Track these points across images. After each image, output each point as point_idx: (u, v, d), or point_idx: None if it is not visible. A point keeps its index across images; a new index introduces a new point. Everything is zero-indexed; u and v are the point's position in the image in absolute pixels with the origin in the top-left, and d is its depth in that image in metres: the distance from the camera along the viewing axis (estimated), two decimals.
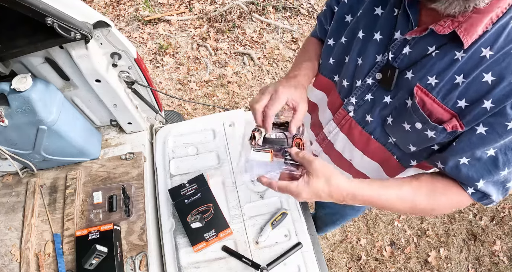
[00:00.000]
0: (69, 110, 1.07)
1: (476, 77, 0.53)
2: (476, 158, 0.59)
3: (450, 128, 0.58)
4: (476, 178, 0.60)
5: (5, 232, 1.05)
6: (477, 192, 0.63)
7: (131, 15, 3.20)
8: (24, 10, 0.73)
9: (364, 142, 0.76)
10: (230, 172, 1.16)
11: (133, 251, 1.01)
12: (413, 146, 0.66)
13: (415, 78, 0.60)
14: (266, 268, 0.95)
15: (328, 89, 0.82)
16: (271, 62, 2.90)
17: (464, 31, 0.52)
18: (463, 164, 0.60)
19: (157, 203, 1.13)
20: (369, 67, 0.67)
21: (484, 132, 0.55)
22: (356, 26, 0.69)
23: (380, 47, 0.65)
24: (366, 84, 0.69)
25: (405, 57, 0.61)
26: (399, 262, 2.04)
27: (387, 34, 0.64)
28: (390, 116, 0.67)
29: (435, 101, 0.58)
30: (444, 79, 0.56)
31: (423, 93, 0.59)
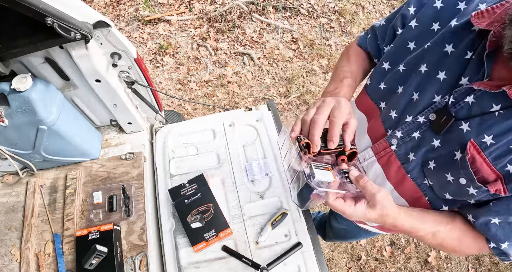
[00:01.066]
0: (69, 110, 1.07)
1: None
2: (508, 222, 0.59)
3: (493, 190, 0.55)
4: (503, 240, 0.61)
5: (5, 232, 1.05)
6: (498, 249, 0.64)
7: (131, 15, 3.20)
8: (24, 10, 0.73)
9: (399, 179, 0.73)
10: (230, 172, 1.16)
11: (133, 251, 1.01)
12: (449, 195, 0.64)
13: (471, 132, 0.56)
14: (266, 268, 0.95)
15: (371, 113, 0.78)
16: (271, 62, 2.90)
17: None
18: (493, 223, 0.60)
19: (157, 203, 1.13)
20: (424, 105, 0.63)
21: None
22: (421, 59, 0.64)
23: (442, 88, 0.61)
24: (417, 121, 0.65)
25: (466, 107, 0.57)
26: (399, 262, 2.04)
27: (452, 76, 0.59)
28: (434, 161, 0.64)
29: (485, 161, 0.55)
30: (501, 142, 0.53)
31: (475, 150, 0.55)
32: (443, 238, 0.67)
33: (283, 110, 2.64)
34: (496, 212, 0.59)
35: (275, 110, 1.32)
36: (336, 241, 1.86)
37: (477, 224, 0.64)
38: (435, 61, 0.62)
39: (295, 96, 2.70)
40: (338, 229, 1.47)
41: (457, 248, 0.69)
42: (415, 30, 0.67)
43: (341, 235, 1.48)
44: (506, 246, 0.62)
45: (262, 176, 1.14)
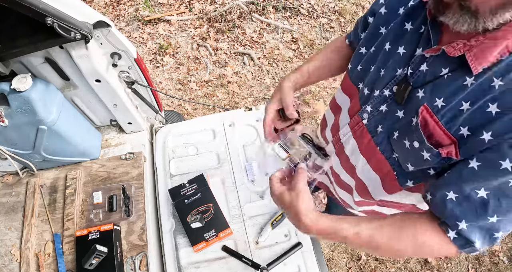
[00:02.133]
0: (69, 110, 1.07)
1: (481, 106, 0.51)
2: (465, 196, 0.55)
3: (444, 153, 0.56)
4: (460, 217, 0.56)
5: (5, 232, 1.05)
6: (459, 237, 0.57)
7: (131, 15, 3.20)
8: (24, 10, 0.73)
9: (370, 152, 0.76)
10: (230, 172, 1.16)
11: (133, 251, 1.01)
12: (411, 165, 0.65)
13: (425, 97, 0.59)
14: (266, 268, 0.95)
15: (352, 94, 0.83)
16: (271, 62, 2.90)
17: (473, 56, 0.51)
18: (449, 199, 0.57)
19: (157, 203, 1.13)
20: (388, 79, 0.68)
21: (476, 167, 0.53)
22: (385, 38, 0.70)
23: (402, 61, 0.65)
24: (383, 95, 0.69)
25: (421, 75, 0.61)
26: (399, 262, 2.04)
27: (410, 49, 0.64)
28: (398, 131, 0.67)
29: (438, 124, 0.56)
30: (450, 104, 0.55)
31: (428, 113, 0.58)
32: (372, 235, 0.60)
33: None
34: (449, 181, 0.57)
35: None
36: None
37: (433, 202, 0.60)
38: (396, 38, 0.68)
39: (295, 96, 2.70)
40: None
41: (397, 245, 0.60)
42: (385, 16, 0.73)
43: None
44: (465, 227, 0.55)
45: (262, 176, 1.14)
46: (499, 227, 0.55)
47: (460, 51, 0.52)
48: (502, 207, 0.52)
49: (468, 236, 0.56)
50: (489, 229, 0.55)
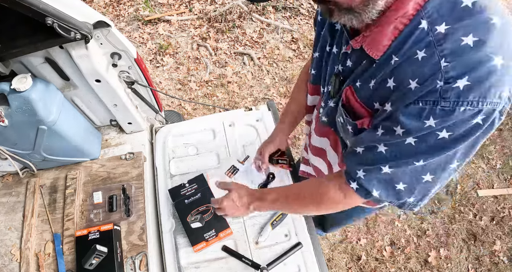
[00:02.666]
0: (69, 110, 1.07)
1: (382, 82, 0.57)
2: (365, 148, 0.64)
3: (360, 124, 0.64)
4: (358, 166, 0.65)
5: (5, 232, 1.05)
6: (361, 187, 0.66)
7: (131, 15, 3.20)
8: (24, 10, 0.73)
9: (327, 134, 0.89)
10: None
11: (133, 251, 1.01)
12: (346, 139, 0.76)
13: (348, 82, 0.66)
14: (266, 268, 0.95)
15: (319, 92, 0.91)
16: (271, 62, 2.90)
17: (367, 46, 0.57)
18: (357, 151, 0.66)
19: (157, 203, 1.13)
20: (329, 76, 0.75)
21: (379, 134, 0.59)
22: (324, 40, 0.77)
23: (336, 60, 0.72)
24: (327, 91, 0.77)
25: (348, 69, 0.67)
26: (399, 262, 2.04)
27: (339, 47, 0.70)
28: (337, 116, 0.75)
29: (357, 101, 0.63)
30: (364, 83, 0.61)
31: (351, 93, 0.65)
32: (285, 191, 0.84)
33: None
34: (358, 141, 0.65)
35: (275, 110, 1.32)
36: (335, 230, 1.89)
37: (344, 154, 0.71)
38: (330, 39, 0.74)
39: None
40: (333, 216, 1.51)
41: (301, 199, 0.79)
42: (321, 21, 0.79)
43: (337, 221, 1.57)
44: (361, 175, 0.65)
45: (262, 175, 1.14)
46: (398, 179, 0.62)
47: (360, 43, 0.59)
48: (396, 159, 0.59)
49: (367, 186, 0.65)
50: (388, 180, 0.64)
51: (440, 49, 0.48)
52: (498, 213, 2.20)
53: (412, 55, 0.51)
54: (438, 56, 0.48)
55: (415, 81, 0.51)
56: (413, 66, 0.51)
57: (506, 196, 2.25)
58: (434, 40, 0.49)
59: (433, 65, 0.48)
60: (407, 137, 0.55)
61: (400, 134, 0.55)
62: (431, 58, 0.49)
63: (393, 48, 0.54)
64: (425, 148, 0.55)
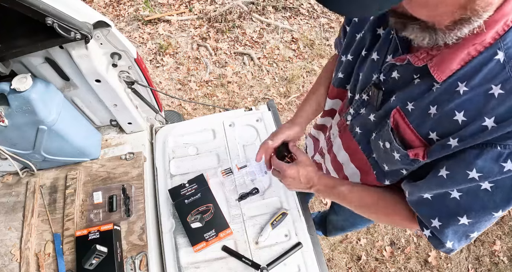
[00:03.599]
0: (69, 110, 1.07)
1: (448, 113, 0.52)
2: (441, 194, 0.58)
3: (412, 155, 0.58)
4: (432, 216, 0.60)
5: (5, 232, 1.05)
6: (433, 236, 0.62)
7: (131, 15, 3.20)
8: (24, 10, 0.73)
9: (353, 150, 0.82)
10: None
11: (133, 251, 1.01)
12: (386, 166, 0.69)
13: (397, 101, 0.61)
14: (266, 268, 0.95)
15: (342, 96, 0.87)
16: (271, 62, 2.90)
17: (434, 66, 0.52)
18: (426, 198, 0.60)
19: (157, 203, 1.13)
20: (366, 84, 0.70)
21: (445, 176, 0.54)
22: (360, 44, 0.72)
23: (376, 67, 0.67)
24: (361, 99, 0.72)
25: (393, 81, 0.63)
26: (399, 262, 2.04)
27: (382, 55, 0.65)
28: (375, 132, 0.70)
29: (409, 127, 0.58)
30: (420, 108, 0.56)
31: (400, 116, 0.60)
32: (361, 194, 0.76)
33: (283, 110, 2.64)
34: (425, 187, 0.59)
35: (275, 110, 1.32)
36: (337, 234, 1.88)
37: (410, 200, 0.65)
38: (370, 44, 0.69)
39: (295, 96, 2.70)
40: (336, 221, 1.51)
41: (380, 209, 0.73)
42: (358, 23, 0.74)
43: (340, 226, 1.54)
44: (437, 225, 0.60)
45: (262, 175, 1.14)
46: (474, 228, 0.57)
47: (423, 61, 0.53)
48: (473, 209, 0.55)
49: (441, 237, 0.60)
50: (464, 232, 0.58)
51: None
52: None
53: (487, 90, 0.47)
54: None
55: (491, 120, 0.47)
56: (489, 102, 0.47)
57: None
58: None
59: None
60: (483, 181, 0.51)
61: (475, 179, 0.50)
62: (511, 97, 0.45)
63: (462, 75, 0.50)
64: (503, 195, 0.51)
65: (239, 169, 1.14)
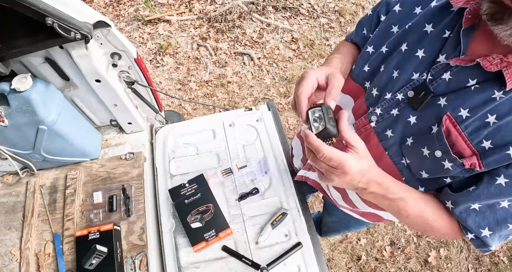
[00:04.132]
0: (69, 110, 1.07)
1: (510, 122, 0.51)
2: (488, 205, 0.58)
3: (468, 164, 0.56)
4: (483, 226, 0.60)
5: (5, 232, 1.05)
6: (477, 239, 0.62)
7: (131, 15, 3.20)
8: (24, 10, 0.73)
9: (377, 156, 0.71)
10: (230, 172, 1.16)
11: (133, 251, 1.01)
12: (426, 173, 0.65)
13: (448, 106, 0.57)
14: (266, 268, 0.95)
15: (356, 94, 0.80)
16: (271, 62, 2.90)
17: (511, 73, 0.50)
18: (473, 209, 0.59)
19: (157, 203, 1.13)
20: (403, 82, 0.65)
21: (503, 184, 0.54)
22: (401, 38, 0.66)
23: (420, 66, 0.62)
24: (395, 98, 0.66)
25: (443, 83, 0.59)
26: (399, 262, 2.04)
27: (430, 54, 0.61)
28: (412, 137, 0.65)
29: (461, 135, 0.56)
30: (476, 115, 0.54)
31: (451, 123, 0.56)
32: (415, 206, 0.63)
33: (283, 110, 2.64)
34: (476, 196, 0.58)
35: (275, 110, 1.32)
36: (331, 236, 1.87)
37: (456, 211, 0.62)
38: (415, 40, 0.64)
39: None
40: (331, 222, 1.50)
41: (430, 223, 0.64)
42: (399, 14, 0.69)
43: (334, 228, 1.52)
44: (487, 235, 0.59)
45: (262, 174, 1.14)
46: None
47: (497, 66, 0.51)
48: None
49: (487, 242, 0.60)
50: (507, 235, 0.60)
51: None
52: None
53: None
54: None
55: None
56: None
57: None
58: None
59: None
60: None
61: None
62: None
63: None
64: None
65: (239, 169, 1.14)
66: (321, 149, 0.53)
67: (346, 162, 0.53)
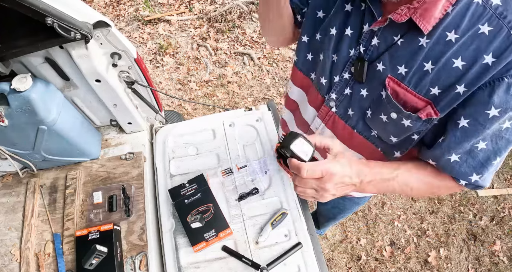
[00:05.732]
0: (69, 110, 1.07)
1: (446, 63, 0.53)
2: (467, 152, 0.59)
3: (424, 115, 0.58)
4: (469, 173, 0.61)
5: (5, 232, 1.05)
6: (470, 184, 0.64)
7: (131, 15, 3.20)
8: (24, 10, 0.73)
9: (348, 136, 0.77)
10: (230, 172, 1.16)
11: (133, 251, 1.01)
12: (394, 137, 0.68)
13: (386, 69, 0.60)
14: (266, 268, 0.95)
15: (306, 86, 0.84)
16: (271, 62, 2.90)
17: (419, 17, 0.52)
18: (454, 161, 0.61)
19: (157, 203, 1.13)
20: (344, 62, 0.68)
21: (466, 125, 0.55)
22: (329, 24, 0.70)
23: (352, 42, 0.66)
24: (343, 79, 0.70)
25: (375, 49, 0.62)
26: (399, 262, 2.04)
27: (357, 29, 0.64)
28: (369, 109, 0.68)
29: (408, 90, 0.58)
30: (413, 68, 0.56)
31: (395, 83, 0.59)
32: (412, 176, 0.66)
33: (283, 110, 2.64)
34: (448, 146, 0.60)
35: (275, 110, 1.32)
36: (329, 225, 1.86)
37: (439, 166, 0.65)
38: (340, 21, 0.67)
39: None
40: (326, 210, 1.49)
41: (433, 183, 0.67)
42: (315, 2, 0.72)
43: (330, 215, 1.52)
44: (477, 179, 0.62)
45: (262, 174, 1.14)
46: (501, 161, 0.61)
47: (406, 15, 0.53)
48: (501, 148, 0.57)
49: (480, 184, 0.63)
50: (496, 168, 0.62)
51: (507, 21, 0.48)
52: (498, 213, 2.20)
53: (476, 30, 0.50)
54: (507, 27, 0.48)
55: (490, 56, 0.49)
56: (482, 41, 0.50)
57: (506, 196, 2.26)
58: (495, 14, 0.48)
59: (506, 37, 0.48)
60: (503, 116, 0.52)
61: (497, 115, 0.52)
62: (501, 31, 0.48)
63: (448, 24, 0.51)
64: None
65: (239, 169, 1.15)
66: (301, 166, 0.58)
67: (327, 165, 0.58)
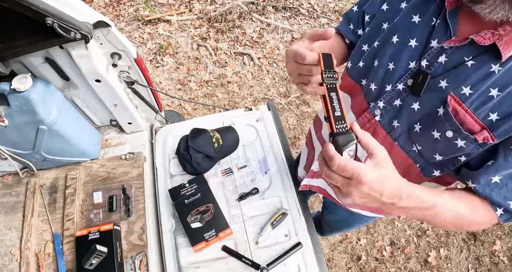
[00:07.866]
0: (69, 110, 1.07)
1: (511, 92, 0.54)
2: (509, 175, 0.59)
3: (481, 139, 0.58)
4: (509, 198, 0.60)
5: (5, 232, 1.05)
6: (506, 213, 0.62)
7: (131, 15, 3.20)
8: (24, 10, 0.73)
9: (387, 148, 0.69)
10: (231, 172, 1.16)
11: (133, 251, 1.01)
12: (439, 155, 0.65)
13: (449, 87, 0.59)
14: (266, 268, 0.95)
15: (353, 92, 0.81)
16: (271, 62, 2.90)
17: (504, 44, 0.53)
18: (495, 183, 0.60)
19: (157, 203, 1.13)
20: (401, 72, 0.66)
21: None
22: (391, 31, 0.69)
23: (415, 54, 0.65)
24: (396, 89, 0.67)
25: (440, 66, 0.61)
26: (399, 262, 2.04)
27: (423, 42, 0.63)
28: (418, 123, 0.66)
29: (468, 112, 0.58)
30: (478, 91, 0.56)
31: (456, 102, 0.58)
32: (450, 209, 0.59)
33: (283, 110, 2.64)
34: (495, 169, 0.59)
35: (275, 110, 1.32)
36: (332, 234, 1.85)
37: (478, 188, 0.61)
38: (405, 31, 0.66)
39: (295, 96, 2.70)
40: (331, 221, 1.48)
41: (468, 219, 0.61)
42: (387, 12, 0.72)
43: (336, 226, 1.50)
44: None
45: (262, 175, 1.14)
46: None
47: (490, 40, 0.53)
48: None
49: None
50: None
51: None
52: None
53: None
54: None
55: None
56: None
57: None
58: None
59: None
60: None
61: None
62: None
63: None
64: None
65: (239, 169, 1.15)
66: (335, 158, 0.50)
67: (360, 170, 0.49)
